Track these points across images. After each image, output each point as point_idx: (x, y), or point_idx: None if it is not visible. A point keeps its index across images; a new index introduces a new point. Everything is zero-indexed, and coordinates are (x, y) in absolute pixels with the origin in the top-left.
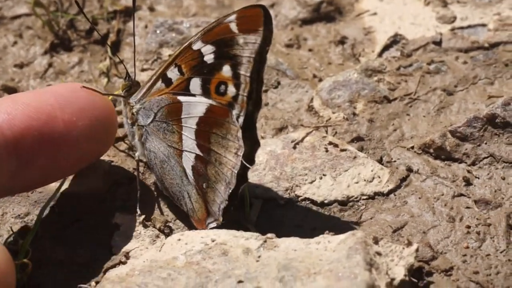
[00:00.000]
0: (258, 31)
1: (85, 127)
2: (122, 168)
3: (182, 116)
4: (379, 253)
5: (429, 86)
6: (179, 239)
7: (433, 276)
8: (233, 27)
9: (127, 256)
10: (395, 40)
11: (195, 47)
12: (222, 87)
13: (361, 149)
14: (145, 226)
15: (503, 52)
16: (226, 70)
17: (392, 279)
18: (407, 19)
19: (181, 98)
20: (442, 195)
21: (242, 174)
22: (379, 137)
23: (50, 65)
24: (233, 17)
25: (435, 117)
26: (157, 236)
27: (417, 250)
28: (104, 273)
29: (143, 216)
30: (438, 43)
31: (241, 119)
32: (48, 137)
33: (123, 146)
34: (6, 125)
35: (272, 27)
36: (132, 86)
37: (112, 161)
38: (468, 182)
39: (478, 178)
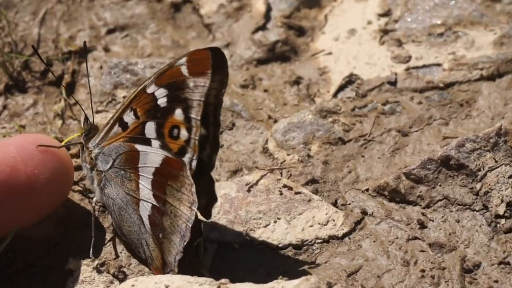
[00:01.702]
0: (207, 74)
1: (46, 180)
2: (76, 212)
3: (139, 165)
4: None
5: (384, 127)
6: (133, 285)
7: None
8: (184, 70)
9: None
10: (350, 80)
11: (149, 90)
12: (175, 131)
13: (315, 191)
14: (99, 272)
15: (458, 92)
16: (178, 114)
17: None
18: (362, 58)
19: (138, 146)
20: (397, 238)
21: (197, 228)
22: (334, 179)
23: (4, 107)
24: (183, 60)
25: (389, 158)
26: (111, 282)
27: None
28: None
29: (96, 261)
30: (393, 83)
31: (194, 163)
32: (11, 190)
33: (77, 188)
34: None
35: (227, 70)
36: (91, 130)
37: (66, 205)
38: (422, 225)
39: (433, 221)
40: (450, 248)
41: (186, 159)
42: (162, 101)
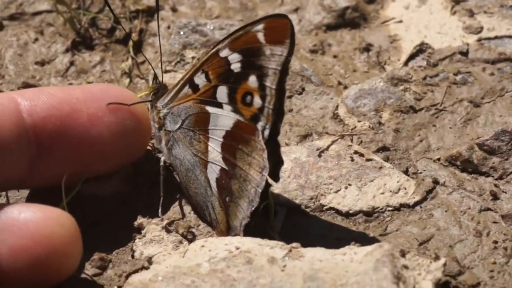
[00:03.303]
0: (285, 43)
1: (111, 124)
2: (146, 170)
3: (209, 127)
4: (406, 267)
5: (456, 97)
6: (203, 246)
7: None
8: (260, 37)
9: (149, 261)
10: (421, 49)
11: (222, 54)
12: (248, 98)
13: (386, 159)
14: (168, 231)
15: None
16: (252, 81)
17: None
18: (433, 28)
19: (209, 108)
20: (469, 208)
21: (264, 192)
22: (405, 148)
23: (71, 63)
24: (260, 26)
25: (461, 129)
26: (180, 242)
27: (444, 265)
28: (127, 277)
29: (165, 221)
30: (464, 53)
31: (266, 132)
32: (70, 129)
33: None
34: (27, 111)
35: (294, 38)
36: (159, 89)
37: (135, 163)
38: (495, 197)
39: (505, 192)
40: None
41: (258, 127)
42: (235, 66)
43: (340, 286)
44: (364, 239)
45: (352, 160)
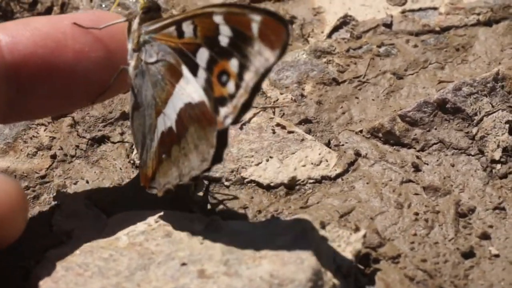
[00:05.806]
0: (275, 50)
1: (98, 59)
2: (64, 145)
3: (177, 85)
4: (326, 238)
5: (379, 69)
6: (122, 219)
7: (380, 263)
8: (254, 27)
9: (68, 235)
10: (345, 21)
11: (216, 19)
12: (224, 78)
13: (308, 131)
14: (87, 206)
15: (454, 37)
16: (234, 65)
17: (339, 265)
18: (357, 0)
19: (184, 70)
20: (391, 180)
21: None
22: (327, 120)
23: None
24: (258, 17)
25: (384, 100)
26: (99, 216)
27: (364, 236)
28: (44, 252)
29: (86, 195)
30: (388, 25)
31: (228, 120)
32: (53, 67)
33: (66, 122)
34: (8, 49)
35: (287, 46)
36: (151, 9)
37: (54, 137)
38: (417, 168)
39: (427, 164)
40: (444, 192)
41: (222, 112)
42: (223, 39)
43: (259, 258)
44: (285, 212)
45: (274, 132)
